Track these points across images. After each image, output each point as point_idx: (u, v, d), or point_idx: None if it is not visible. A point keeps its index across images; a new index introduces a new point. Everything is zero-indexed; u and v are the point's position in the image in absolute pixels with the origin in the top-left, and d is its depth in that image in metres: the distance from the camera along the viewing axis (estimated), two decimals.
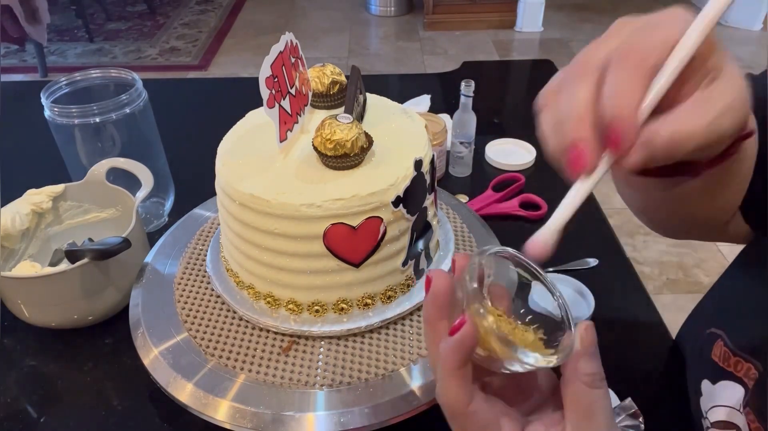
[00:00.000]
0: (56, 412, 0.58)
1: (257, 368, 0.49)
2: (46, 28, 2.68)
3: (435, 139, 0.85)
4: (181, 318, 0.54)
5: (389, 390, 0.48)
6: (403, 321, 0.53)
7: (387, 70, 3.03)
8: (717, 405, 0.47)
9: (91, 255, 0.59)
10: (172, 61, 3.16)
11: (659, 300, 1.71)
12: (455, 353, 0.33)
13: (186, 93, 1.26)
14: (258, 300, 0.52)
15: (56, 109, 0.71)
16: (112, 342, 0.65)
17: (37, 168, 0.92)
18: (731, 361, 0.46)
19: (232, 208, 0.49)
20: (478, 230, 0.65)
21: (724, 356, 0.47)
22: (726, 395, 0.46)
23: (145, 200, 0.69)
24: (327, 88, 0.55)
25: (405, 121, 0.56)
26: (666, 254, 1.87)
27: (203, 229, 0.65)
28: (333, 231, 0.46)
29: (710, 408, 0.48)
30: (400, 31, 3.47)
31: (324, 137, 0.47)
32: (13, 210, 0.68)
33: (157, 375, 0.50)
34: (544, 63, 1.29)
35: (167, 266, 0.60)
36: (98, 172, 0.71)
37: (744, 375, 0.45)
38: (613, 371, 0.58)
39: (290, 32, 0.51)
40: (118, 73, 0.78)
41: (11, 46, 3.08)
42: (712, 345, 0.49)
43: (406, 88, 1.18)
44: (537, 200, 0.84)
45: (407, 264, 0.52)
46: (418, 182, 0.49)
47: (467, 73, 1.24)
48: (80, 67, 2.05)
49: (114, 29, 3.55)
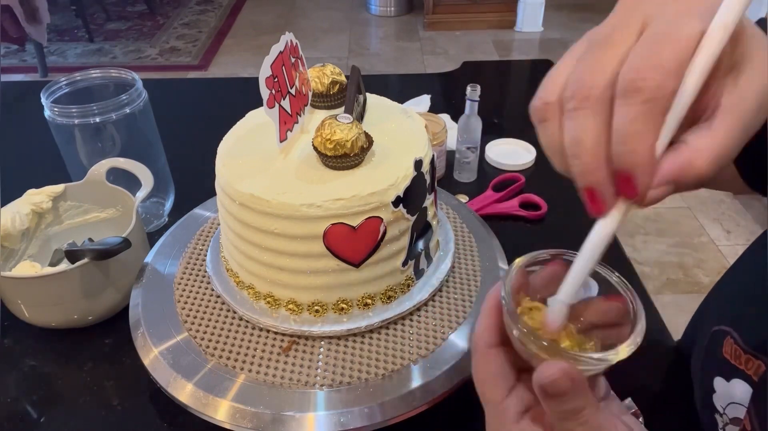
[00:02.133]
0: (56, 412, 0.58)
1: (257, 368, 0.49)
2: (46, 28, 2.68)
3: (435, 139, 0.85)
4: (181, 318, 0.54)
5: (389, 390, 0.48)
6: (403, 321, 0.53)
7: (387, 70, 3.03)
8: (734, 402, 0.47)
9: (91, 255, 0.59)
10: (172, 61, 3.16)
11: (659, 300, 1.71)
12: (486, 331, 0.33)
13: (186, 93, 1.26)
14: (258, 300, 0.52)
15: (56, 109, 0.71)
16: (112, 342, 0.65)
17: (37, 168, 0.92)
18: (742, 359, 0.46)
19: (232, 207, 0.49)
20: (478, 230, 0.65)
21: (735, 354, 0.47)
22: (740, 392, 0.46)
23: (145, 200, 0.69)
24: (327, 88, 0.55)
25: (405, 121, 0.56)
26: (666, 254, 1.87)
27: (203, 229, 0.65)
28: (333, 231, 0.46)
29: (728, 404, 0.48)
30: (400, 31, 3.47)
31: (324, 137, 0.47)
32: (13, 210, 0.68)
33: (157, 375, 0.50)
34: (544, 63, 1.29)
35: (167, 266, 0.60)
36: (98, 172, 0.71)
37: (754, 372, 0.45)
38: (613, 371, 0.58)
39: (290, 32, 0.51)
40: (118, 73, 0.78)
41: (11, 46, 3.08)
42: (722, 343, 0.49)
43: (406, 88, 1.18)
44: (537, 200, 0.84)
45: (407, 265, 0.52)
46: (418, 182, 0.49)
47: (467, 73, 1.24)
48: (80, 67, 2.05)
49: (114, 29, 3.55)
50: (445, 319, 0.53)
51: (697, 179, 0.25)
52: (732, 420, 0.47)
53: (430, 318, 0.53)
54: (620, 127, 0.25)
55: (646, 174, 0.26)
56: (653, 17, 0.26)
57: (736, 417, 0.47)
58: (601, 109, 0.26)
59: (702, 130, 0.26)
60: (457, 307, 0.54)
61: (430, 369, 0.49)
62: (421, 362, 0.50)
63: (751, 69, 0.25)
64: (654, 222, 2.00)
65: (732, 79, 0.26)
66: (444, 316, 0.54)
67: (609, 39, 0.26)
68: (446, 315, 0.54)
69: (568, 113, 0.27)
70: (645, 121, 0.25)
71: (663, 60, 0.24)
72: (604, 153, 0.26)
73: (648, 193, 0.26)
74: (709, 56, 0.24)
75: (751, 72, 0.25)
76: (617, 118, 0.25)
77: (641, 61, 0.25)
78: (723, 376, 0.49)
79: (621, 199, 0.27)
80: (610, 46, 0.26)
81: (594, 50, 0.27)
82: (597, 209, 0.28)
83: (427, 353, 0.50)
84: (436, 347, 0.51)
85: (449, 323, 0.53)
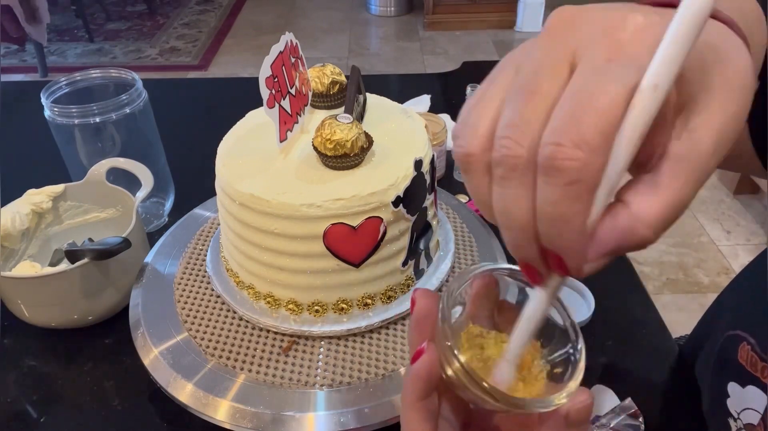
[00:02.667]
0: (56, 412, 0.58)
1: (257, 368, 0.49)
2: (46, 28, 2.69)
3: (435, 139, 0.85)
4: (181, 318, 0.54)
5: (389, 390, 0.48)
6: (403, 321, 0.53)
7: (387, 70, 3.03)
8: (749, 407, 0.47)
9: (91, 255, 0.59)
10: (172, 61, 3.16)
11: (659, 300, 1.71)
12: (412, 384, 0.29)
13: (186, 93, 1.26)
14: (258, 300, 0.52)
15: (56, 109, 0.71)
16: (112, 342, 0.65)
17: (37, 168, 0.92)
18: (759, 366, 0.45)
19: (232, 207, 0.49)
20: (478, 230, 0.65)
21: (751, 361, 0.46)
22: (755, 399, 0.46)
23: (145, 200, 0.69)
24: (327, 88, 0.55)
25: (405, 121, 0.56)
26: (666, 254, 1.87)
27: (203, 229, 0.65)
28: (333, 231, 0.46)
29: (743, 410, 0.47)
30: (400, 31, 3.47)
31: (324, 137, 0.47)
32: (13, 210, 0.68)
33: (157, 375, 0.50)
34: None
35: (167, 266, 0.60)
36: (98, 172, 0.71)
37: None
38: (613, 371, 0.58)
39: (290, 32, 0.51)
40: (118, 73, 0.78)
41: (11, 46, 3.08)
42: (737, 348, 0.48)
43: (406, 88, 1.18)
44: None
45: (407, 264, 0.52)
46: (418, 182, 0.49)
47: (467, 73, 1.24)
48: (80, 67, 2.05)
49: (114, 29, 3.55)
50: None
51: (641, 246, 0.22)
52: (746, 425, 0.47)
53: None
54: (544, 208, 0.22)
55: (576, 255, 0.23)
56: (581, 57, 0.23)
57: (749, 423, 0.46)
58: (529, 181, 0.23)
59: (645, 187, 0.22)
60: None
61: None
62: None
63: (706, 104, 0.22)
64: None
65: (682, 121, 0.22)
66: None
67: (534, 86, 0.23)
68: None
69: (496, 180, 0.24)
70: (570, 203, 0.21)
71: (586, 134, 0.21)
72: (533, 230, 0.23)
73: (583, 267, 0.24)
74: (641, 120, 0.21)
75: (706, 109, 0.22)
76: (540, 198, 0.22)
77: (563, 129, 0.21)
78: (738, 382, 0.48)
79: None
80: (535, 96, 0.23)
81: (519, 99, 0.23)
82: (534, 280, 0.26)
83: None
84: None
85: None
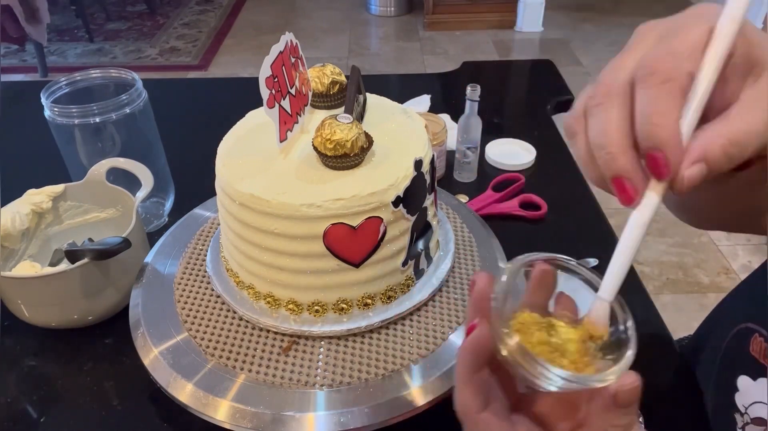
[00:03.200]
0: (56, 412, 0.58)
1: (257, 368, 0.49)
2: (46, 28, 2.68)
3: (435, 139, 0.85)
4: (181, 318, 0.54)
5: (389, 390, 0.48)
6: (403, 321, 0.53)
7: (387, 70, 3.03)
8: (758, 401, 0.47)
9: (91, 255, 0.59)
10: (172, 61, 3.16)
11: (659, 300, 1.71)
12: (462, 357, 0.31)
13: (186, 93, 1.26)
14: (258, 300, 0.52)
15: (56, 109, 0.71)
16: (112, 342, 0.65)
17: (37, 168, 0.92)
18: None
19: (232, 207, 0.49)
20: (478, 230, 0.65)
21: (764, 353, 0.46)
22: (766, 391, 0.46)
23: (145, 200, 0.69)
24: (327, 88, 0.55)
25: (405, 121, 0.56)
26: (666, 254, 1.87)
27: (203, 229, 0.65)
28: (333, 231, 0.46)
29: (751, 404, 0.47)
30: (400, 31, 3.47)
31: (324, 137, 0.47)
32: (13, 210, 0.68)
33: (157, 375, 0.50)
34: (544, 63, 1.29)
35: (167, 266, 0.60)
36: (98, 172, 0.71)
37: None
38: None
39: (290, 32, 0.51)
40: (118, 73, 0.78)
41: (11, 46, 3.08)
42: (749, 341, 0.48)
43: (406, 88, 1.18)
44: (537, 200, 0.84)
45: (407, 264, 0.52)
46: (418, 182, 0.49)
47: (467, 73, 1.24)
48: (80, 67, 2.05)
49: (114, 29, 3.55)
50: (445, 319, 0.53)
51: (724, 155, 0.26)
52: (754, 419, 0.46)
53: (430, 318, 0.53)
54: (643, 108, 0.26)
55: (674, 147, 0.26)
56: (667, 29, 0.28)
57: (758, 416, 0.46)
58: (622, 101, 0.27)
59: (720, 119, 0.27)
60: (457, 307, 0.54)
61: (430, 369, 0.49)
62: (421, 362, 0.50)
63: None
64: (654, 222, 1.98)
65: (752, 80, 0.27)
66: (444, 316, 0.54)
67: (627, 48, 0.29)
68: (446, 315, 0.54)
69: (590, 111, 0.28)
70: (666, 99, 0.26)
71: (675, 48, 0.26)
72: (629, 141, 0.27)
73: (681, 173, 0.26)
74: (721, 45, 0.26)
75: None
76: (638, 102, 0.27)
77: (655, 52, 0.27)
78: (749, 374, 0.48)
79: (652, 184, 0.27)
80: (627, 52, 0.29)
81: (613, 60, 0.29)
82: (627, 198, 0.28)
83: (427, 353, 0.50)
84: (436, 347, 0.51)
85: (449, 323, 0.53)
